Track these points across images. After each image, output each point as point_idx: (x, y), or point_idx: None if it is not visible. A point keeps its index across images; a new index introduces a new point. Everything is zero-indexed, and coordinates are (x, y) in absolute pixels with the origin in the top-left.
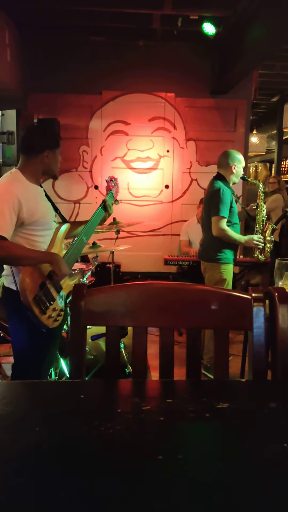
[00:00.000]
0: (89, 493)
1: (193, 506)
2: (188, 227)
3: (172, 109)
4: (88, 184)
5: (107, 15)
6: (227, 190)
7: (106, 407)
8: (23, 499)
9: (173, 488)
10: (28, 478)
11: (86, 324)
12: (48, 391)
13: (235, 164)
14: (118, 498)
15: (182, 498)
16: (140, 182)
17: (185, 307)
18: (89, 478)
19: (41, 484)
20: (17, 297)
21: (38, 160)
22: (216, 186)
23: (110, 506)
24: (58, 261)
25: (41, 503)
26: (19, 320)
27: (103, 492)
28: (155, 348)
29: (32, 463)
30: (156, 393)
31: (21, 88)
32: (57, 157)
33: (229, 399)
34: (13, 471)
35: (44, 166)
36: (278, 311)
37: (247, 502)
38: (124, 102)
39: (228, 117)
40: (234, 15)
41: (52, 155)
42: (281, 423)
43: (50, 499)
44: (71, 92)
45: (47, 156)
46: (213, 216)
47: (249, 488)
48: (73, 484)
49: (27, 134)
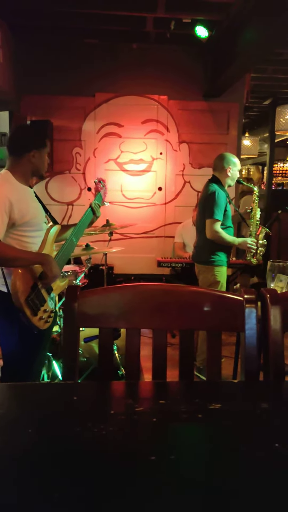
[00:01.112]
0: (82, 493)
1: (186, 506)
2: (182, 229)
3: (165, 111)
4: (81, 186)
5: (101, 17)
6: (222, 193)
7: (99, 408)
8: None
9: (165, 488)
10: (20, 479)
11: (79, 326)
12: (41, 393)
13: (230, 167)
14: (111, 498)
15: (174, 499)
16: (133, 184)
17: (179, 309)
18: (82, 479)
19: (34, 486)
20: (8, 299)
21: (25, 160)
22: (211, 189)
23: (104, 506)
24: (50, 262)
25: (35, 504)
26: (10, 322)
27: (96, 492)
28: (148, 350)
29: (24, 464)
30: (149, 395)
31: (14, 90)
32: (43, 157)
33: (222, 400)
34: (5, 472)
35: (32, 166)
36: (270, 312)
37: (240, 502)
38: (117, 105)
39: (220, 120)
40: (226, 18)
41: (39, 155)
42: (273, 423)
43: (43, 500)
44: (65, 94)
45: (33, 156)
46: (208, 219)
47: (241, 488)
48: (66, 485)
49: (14, 134)
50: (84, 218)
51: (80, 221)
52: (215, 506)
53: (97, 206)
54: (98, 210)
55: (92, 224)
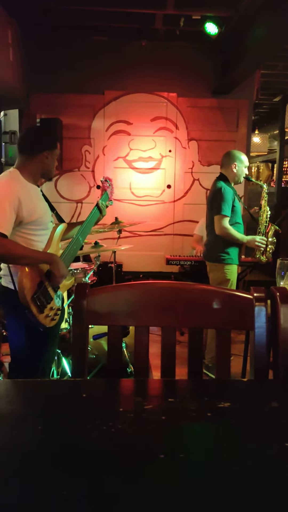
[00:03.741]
0: (91, 491)
1: (195, 505)
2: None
3: (174, 109)
4: (90, 183)
5: (110, 15)
6: (229, 189)
7: (108, 406)
8: (25, 498)
9: (175, 487)
10: (30, 476)
11: (88, 324)
12: (50, 389)
13: (235, 163)
14: (120, 496)
15: (184, 497)
16: (142, 182)
17: (187, 307)
18: (91, 477)
19: (43, 483)
20: (15, 297)
21: (37, 160)
22: (218, 185)
23: (112, 504)
24: (58, 262)
25: (44, 502)
26: (17, 320)
27: (105, 491)
28: (157, 348)
29: (34, 461)
30: (158, 392)
31: (23, 88)
32: (54, 158)
33: (231, 399)
34: (15, 469)
35: (43, 166)
36: (280, 311)
37: (249, 501)
38: (126, 102)
39: (230, 117)
40: (236, 15)
41: (51, 156)
42: (282, 422)
43: (52, 498)
44: (74, 92)
45: (46, 157)
46: (216, 215)
47: (251, 487)
48: (75, 483)
49: (27, 134)
50: (90, 217)
51: (87, 220)
52: (224, 505)
53: (103, 205)
54: (105, 209)
55: (98, 223)
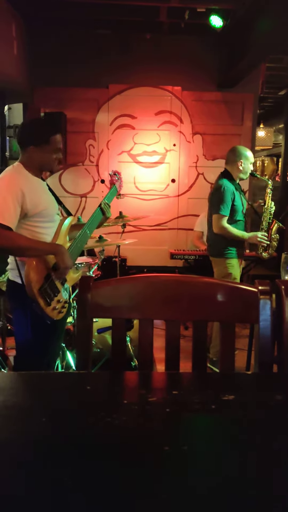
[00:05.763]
0: (95, 483)
1: (199, 497)
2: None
3: (178, 102)
4: (95, 178)
5: (114, 8)
6: (229, 188)
7: (112, 398)
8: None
9: (178, 478)
10: (34, 468)
11: (92, 317)
12: (54, 382)
13: (241, 160)
14: (123, 488)
15: (187, 489)
16: (147, 176)
17: (192, 300)
18: (95, 469)
19: (48, 474)
20: (22, 290)
21: (29, 154)
22: (219, 183)
23: (116, 495)
24: (63, 253)
25: (48, 493)
26: (23, 313)
27: (109, 482)
28: (161, 342)
29: (38, 453)
30: (162, 385)
31: (27, 82)
32: (45, 154)
33: (235, 391)
34: (19, 461)
35: (36, 159)
36: (285, 304)
37: (253, 494)
38: (130, 96)
39: (235, 111)
40: (242, 7)
41: (39, 151)
42: (286, 415)
43: (56, 489)
44: (78, 86)
45: (33, 151)
46: (214, 214)
47: (255, 480)
48: (79, 474)
49: (20, 127)
50: (92, 219)
51: (93, 215)
52: (228, 497)
53: (106, 206)
54: (109, 211)
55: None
